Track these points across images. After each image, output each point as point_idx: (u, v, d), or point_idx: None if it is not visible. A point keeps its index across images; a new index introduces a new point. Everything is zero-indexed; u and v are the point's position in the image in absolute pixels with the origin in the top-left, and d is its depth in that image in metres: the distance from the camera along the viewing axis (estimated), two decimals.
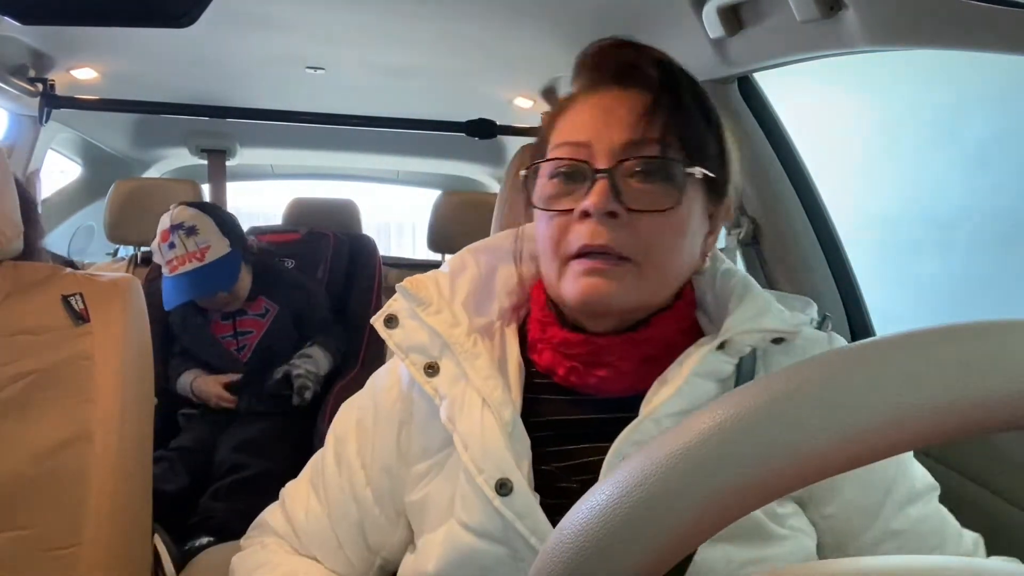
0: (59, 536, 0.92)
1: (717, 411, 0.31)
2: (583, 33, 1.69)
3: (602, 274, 0.64)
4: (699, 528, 0.30)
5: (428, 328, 0.72)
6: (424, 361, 0.71)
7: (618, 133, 0.65)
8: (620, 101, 0.67)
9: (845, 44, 0.98)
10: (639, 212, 0.64)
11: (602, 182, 0.64)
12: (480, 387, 0.68)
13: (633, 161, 0.65)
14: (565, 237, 0.66)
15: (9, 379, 0.95)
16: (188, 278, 1.73)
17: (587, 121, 0.67)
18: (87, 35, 1.79)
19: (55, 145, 2.49)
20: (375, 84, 2.21)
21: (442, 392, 0.69)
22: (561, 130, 0.70)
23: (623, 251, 0.64)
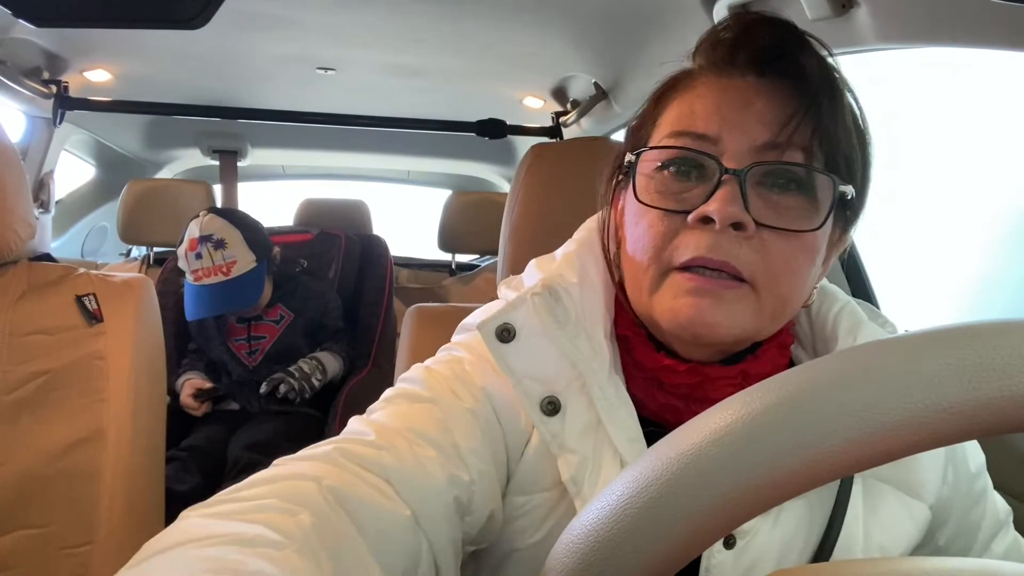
0: (73, 534, 0.93)
1: (728, 410, 0.31)
2: (593, 33, 1.69)
3: (713, 296, 0.53)
4: (710, 529, 0.30)
5: (560, 355, 0.57)
6: (544, 395, 0.57)
7: (757, 131, 0.53)
8: (761, 93, 0.54)
9: (857, 42, 0.97)
10: (772, 229, 0.53)
11: (731, 185, 0.52)
12: (626, 454, 0.55)
13: (772, 167, 0.53)
14: (670, 243, 0.54)
15: (24, 378, 0.96)
16: (212, 292, 1.75)
17: (716, 110, 0.55)
18: (100, 37, 1.80)
19: (69, 146, 2.51)
20: (385, 84, 2.21)
21: (566, 443, 0.56)
22: (679, 115, 0.57)
23: (743, 272, 0.52)
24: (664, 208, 0.55)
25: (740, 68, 0.56)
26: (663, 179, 0.56)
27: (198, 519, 0.41)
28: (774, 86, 0.55)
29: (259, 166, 3.22)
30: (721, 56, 0.57)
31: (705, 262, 0.52)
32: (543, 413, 0.56)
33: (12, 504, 0.92)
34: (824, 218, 0.54)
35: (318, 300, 1.96)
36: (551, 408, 0.56)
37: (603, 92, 1.94)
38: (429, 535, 0.50)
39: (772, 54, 0.55)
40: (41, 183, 2.23)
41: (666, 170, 0.56)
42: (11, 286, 1.00)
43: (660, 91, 0.61)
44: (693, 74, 0.59)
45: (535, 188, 1.01)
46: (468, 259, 2.99)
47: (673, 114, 0.58)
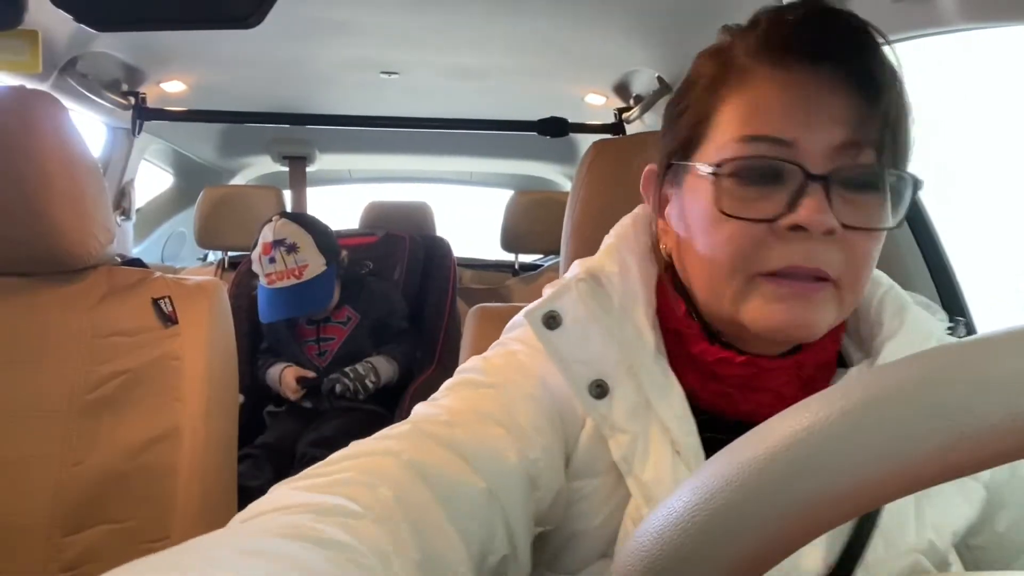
0: (151, 529, 0.97)
1: (806, 413, 0.29)
2: (656, 25, 1.66)
3: (804, 299, 0.53)
4: (783, 540, 0.28)
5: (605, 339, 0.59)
6: (591, 378, 0.58)
7: (833, 131, 0.53)
8: (829, 88, 0.53)
9: (941, 23, 0.92)
10: (854, 230, 0.53)
11: (816, 191, 0.52)
12: (675, 430, 0.56)
13: (853, 170, 0.53)
14: (758, 251, 0.54)
15: (104, 378, 1.00)
16: (285, 295, 1.80)
17: (786, 110, 0.53)
18: (174, 48, 1.87)
19: (148, 156, 2.62)
20: (447, 86, 2.23)
21: (616, 423, 0.57)
22: (745, 115, 0.55)
23: (831, 273, 0.53)
24: (748, 218, 0.54)
25: (801, 61, 0.54)
26: (739, 186, 0.54)
27: (284, 491, 0.43)
28: (839, 80, 0.53)
29: (326, 171, 3.29)
30: (779, 47, 0.55)
31: (797, 270, 0.53)
32: (591, 396, 0.58)
33: (94, 499, 0.96)
34: (903, 213, 0.54)
35: (383, 301, 1.99)
36: (599, 391, 0.58)
37: (667, 86, 1.90)
38: (505, 508, 0.51)
39: (835, 45, 0.53)
40: (122, 191, 2.33)
41: (740, 178, 0.54)
42: (92, 289, 1.05)
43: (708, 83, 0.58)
44: (745, 65, 0.56)
45: (597, 185, 1.00)
46: (531, 259, 2.98)
47: (735, 113, 0.56)
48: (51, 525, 0.94)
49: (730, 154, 0.55)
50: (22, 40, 1.28)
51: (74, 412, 0.98)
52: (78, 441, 0.97)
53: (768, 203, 0.53)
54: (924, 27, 0.97)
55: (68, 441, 0.97)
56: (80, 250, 1.01)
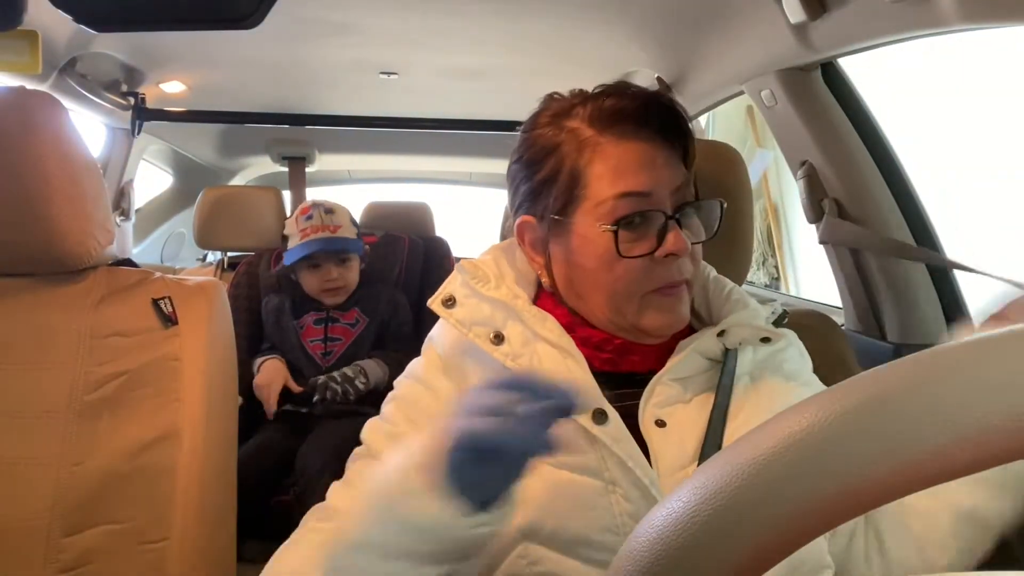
0: (151, 530, 0.96)
1: (805, 414, 0.29)
2: (655, 27, 1.66)
3: (680, 301, 0.76)
4: (782, 541, 0.28)
5: (491, 301, 0.78)
6: (490, 332, 0.76)
7: (670, 180, 0.74)
8: (661, 148, 0.75)
9: (939, 23, 0.92)
10: (695, 244, 0.76)
11: (675, 226, 0.73)
12: (556, 342, 0.75)
13: (688, 204, 0.76)
14: (645, 276, 0.74)
15: (104, 378, 1.00)
16: (318, 241, 1.89)
17: (640, 171, 0.74)
18: (174, 49, 1.87)
19: (148, 156, 2.62)
20: (446, 87, 2.23)
21: (516, 352, 0.75)
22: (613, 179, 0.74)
23: (689, 278, 0.76)
24: (637, 256, 0.73)
25: (636, 132, 0.74)
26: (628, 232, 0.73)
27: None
28: (661, 141, 0.75)
29: (326, 171, 3.30)
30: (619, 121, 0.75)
31: (672, 283, 0.74)
32: (493, 344, 0.75)
33: (94, 500, 0.96)
34: (718, 225, 0.78)
35: (390, 306, 2.01)
36: (497, 340, 0.76)
37: (667, 86, 1.90)
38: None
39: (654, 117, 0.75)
40: (122, 192, 2.33)
41: (624, 227, 0.73)
42: (92, 290, 1.05)
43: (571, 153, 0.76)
44: (594, 139, 0.75)
45: None
46: None
47: (603, 176, 0.74)
48: (51, 525, 0.94)
49: (609, 209, 0.73)
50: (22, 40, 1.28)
51: (74, 413, 0.98)
52: (78, 442, 0.97)
53: (645, 242, 0.73)
54: (924, 27, 0.97)
55: (68, 442, 0.97)
56: (80, 250, 1.01)
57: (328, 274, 1.93)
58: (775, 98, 1.40)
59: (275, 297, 2.01)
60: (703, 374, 0.78)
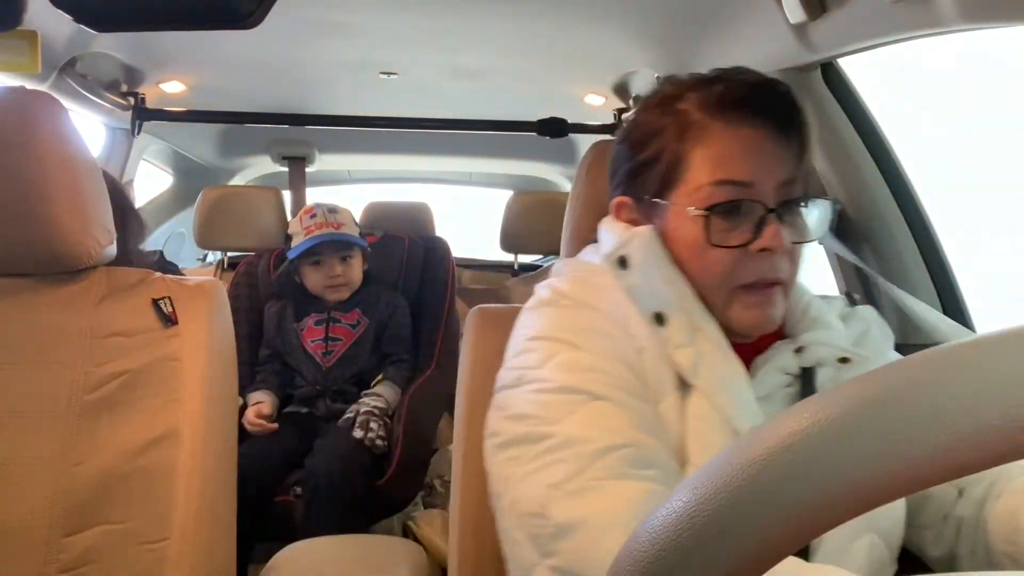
0: (151, 530, 0.96)
1: (805, 414, 0.29)
2: (656, 26, 1.66)
3: (767, 304, 0.72)
4: (782, 541, 0.28)
5: (662, 280, 0.73)
6: (654, 309, 0.72)
7: (777, 172, 0.71)
8: (771, 140, 0.72)
9: (940, 23, 0.92)
10: (796, 244, 0.73)
11: (775, 222, 0.70)
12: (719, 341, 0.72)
13: (793, 200, 0.72)
14: (736, 269, 0.71)
15: (104, 379, 1.00)
16: (321, 235, 1.92)
17: (745, 159, 0.71)
18: (173, 49, 1.87)
19: (148, 156, 2.62)
20: (446, 87, 2.23)
21: (679, 340, 0.71)
22: (713, 166, 0.72)
23: (784, 278, 0.73)
24: (728, 245, 0.71)
25: (749, 119, 0.71)
26: (721, 221, 0.71)
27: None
28: (774, 132, 0.72)
29: (326, 171, 3.29)
30: (731, 108, 0.72)
31: (764, 281, 0.71)
32: (655, 323, 0.71)
33: (94, 500, 0.96)
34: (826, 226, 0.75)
35: (390, 306, 2.02)
36: (659, 320, 0.71)
37: None
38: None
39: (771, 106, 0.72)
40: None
41: (717, 214, 0.71)
42: (92, 290, 1.05)
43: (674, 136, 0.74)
44: (702, 122, 0.73)
45: (597, 186, 1.00)
46: (530, 259, 2.98)
47: (703, 162, 0.72)
48: (50, 526, 0.94)
49: (706, 195, 0.71)
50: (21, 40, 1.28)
51: (73, 413, 0.98)
52: (77, 442, 0.97)
53: (739, 232, 0.71)
54: (924, 28, 0.97)
55: (67, 442, 0.97)
56: (79, 250, 1.01)
57: (331, 270, 1.94)
58: None
59: (276, 303, 2.02)
60: (783, 389, 0.75)
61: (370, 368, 1.96)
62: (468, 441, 0.97)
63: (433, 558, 1.56)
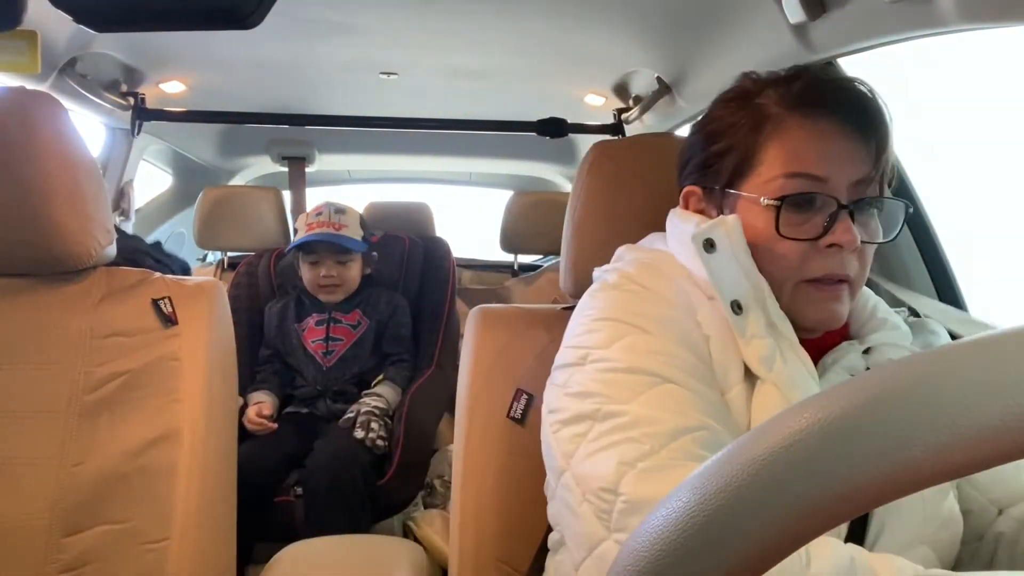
0: (151, 530, 0.96)
1: (805, 413, 0.29)
2: (656, 26, 1.66)
3: (838, 300, 0.72)
4: (782, 540, 0.28)
5: (740, 270, 0.72)
6: (733, 297, 0.71)
7: (853, 169, 0.71)
8: (848, 137, 0.71)
9: (939, 23, 0.92)
10: (867, 243, 0.72)
11: (844, 216, 0.70)
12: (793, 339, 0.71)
13: (866, 199, 0.72)
14: (804, 263, 0.71)
15: (104, 379, 1.00)
16: (320, 235, 1.92)
17: (820, 154, 0.71)
18: (174, 49, 1.87)
19: (148, 156, 2.62)
20: (447, 87, 2.23)
21: (757, 332, 0.70)
22: (786, 157, 0.72)
23: (851, 276, 0.72)
24: (798, 238, 0.71)
25: (828, 115, 0.71)
26: (792, 213, 0.71)
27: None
28: (853, 130, 0.71)
29: (326, 171, 3.29)
30: (811, 103, 0.72)
31: (832, 277, 0.71)
32: (732, 312, 0.71)
33: (94, 500, 0.96)
34: (899, 229, 0.75)
35: (390, 306, 2.03)
36: (737, 308, 0.71)
37: (666, 87, 1.90)
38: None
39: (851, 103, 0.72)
40: (121, 192, 2.33)
41: (788, 205, 0.71)
42: (92, 290, 1.05)
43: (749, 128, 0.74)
44: (779, 115, 0.73)
45: (597, 187, 1.00)
46: (531, 259, 2.98)
47: (778, 154, 0.72)
48: (51, 525, 0.94)
49: (778, 187, 0.71)
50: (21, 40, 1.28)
51: (74, 413, 0.98)
52: (78, 442, 0.97)
53: (810, 226, 0.70)
54: (924, 27, 0.97)
55: (68, 442, 0.97)
56: (80, 250, 1.01)
57: (326, 270, 1.94)
58: None
59: (278, 303, 2.02)
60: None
61: (370, 368, 1.97)
62: (468, 441, 0.97)
63: (433, 558, 1.55)
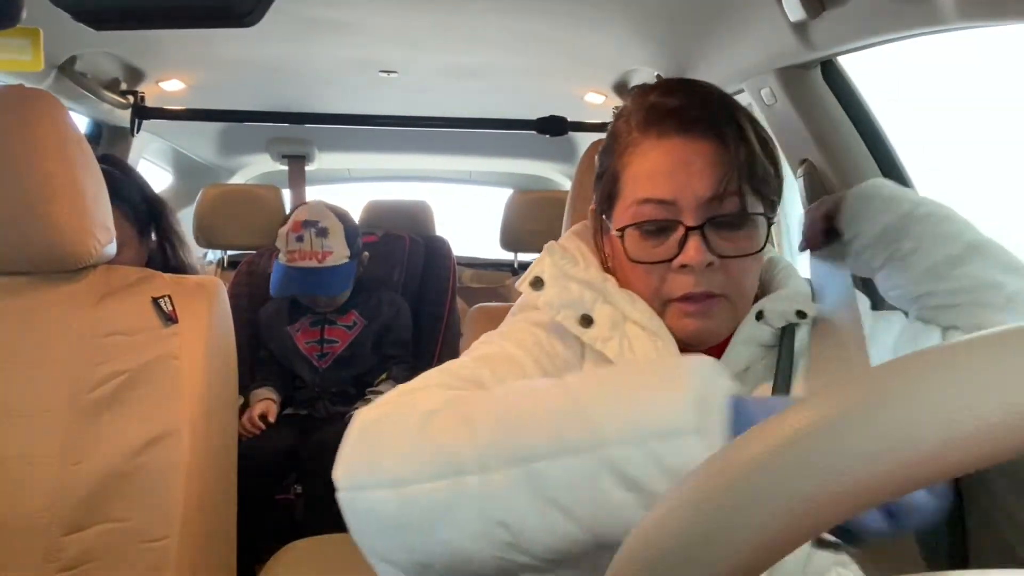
0: (152, 528, 0.97)
1: (805, 412, 0.29)
2: (656, 24, 1.66)
3: (704, 315, 0.72)
4: (782, 539, 0.28)
5: (580, 282, 0.75)
6: (578, 315, 0.74)
7: (701, 188, 0.70)
8: (696, 152, 0.71)
9: (939, 21, 0.92)
10: (731, 259, 0.72)
11: (694, 236, 0.70)
12: (647, 324, 0.73)
13: (720, 217, 0.71)
14: (663, 285, 0.73)
15: (104, 378, 1.00)
16: (302, 274, 1.82)
17: (666, 175, 0.71)
18: (173, 48, 1.87)
19: (147, 155, 2.61)
20: (446, 85, 2.22)
21: (605, 335, 0.73)
22: (638, 182, 0.73)
23: (718, 291, 0.72)
24: (650, 262, 0.73)
25: (677, 131, 0.71)
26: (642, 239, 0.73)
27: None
28: (704, 145, 0.70)
29: (326, 170, 3.29)
30: (658, 120, 0.72)
31: (692, 295, 0.72)
32: (582, 327, 0.73)
33: (94, 498, 0.96)
34: (764, 241, 0.74)
35: (391, 308, 2.00)
36: (586, 322, 0.74)
37: None
38: None
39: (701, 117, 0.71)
40: None
41: (642, 231, 0.73)
42: (92, 289, 1.05)
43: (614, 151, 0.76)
44: (636, 138, 0.74)
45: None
46: (530, 258, 2.98)
47: (634, 179, 0.74)
48: (51, 524, 0.94)
49: (631, 214, 0.73)
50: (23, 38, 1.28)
51: (74, 411, 0.98)
52: (78, 440, 0.97)
53: (664, 248, 0.72)
54: (923, 25, 0.97)
55: (68, 440, 0.97)
56: (80, 249, 1.01)
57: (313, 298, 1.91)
58: (775, 96, 1.39)
59: (272, 305, 2.00)
60: (760, 362, 0.75)
61: (370, 369, 1.95)
62: None
63: None
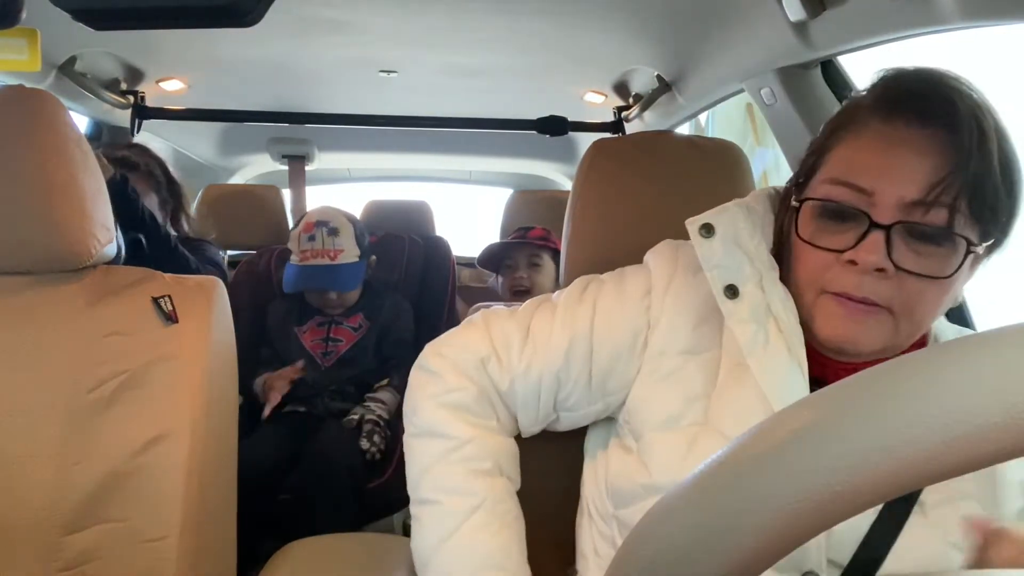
0: (152, 528, 0.96)
1: (807, 411, 0.29)
2: (655, 24, 1.66)
3: (857, 321, 0.65)
4: (784, 539, 0.28)
5: (745, 254, 0.72)
6: (726, 281, 0.71)
7: (907, 189, 0.62)
8: (916, 149, 0.62)
9: (939, 21, 0.92)
10: (910, 274, 0.63)
11: (877, 237, 0.62)
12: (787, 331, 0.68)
13: (917, 225, 0.62)
14: (825, 273, 0.66)
15: (104, 378, 1.00)
16: (314, 271, 1.87)
17: (874, 164, 0.64)
18: (173, 48, 1.87)
19: None
20: (447, 85, 2.22)
21: (744, 317, 0.70)
22: (842, 162, 0.67)
23: (883, 303, 0.64)
24: (821, 247, 0.66)
25: (905, 121, 0.63)
26: (821, 220, 0.67)
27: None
28: (931, 140, 0.62)
29: (326, 170, 3.29)
30: (888, 105, 0.65)
31: (850, 296, 0.64)
32: (725, 296, 0.70)
33: (94, 499, 0.96)
34: (956, 269, 0.63)
35: (393, 310, 2.02)
36: (731, 293, 0.70)
37: (666, 84, 1.90)
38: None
39: (934, 112, 0.62)
40: None
41: (824, 213, 0.66)
42: (92, 288, 1.05)
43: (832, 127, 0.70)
44: (862, 118, 0.66)
45: (597, 184, 1.00)
46: None
47: (840, 157, 0.67)
48: (50, 524, 0.94)
49: (822, 192, 0.67)
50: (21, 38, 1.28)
51: (74, 411, 0.98)
52: (78, 440, 0.97)
53: (841, 237, 0.65)
54: (923, 26, 0.97)
55: (68, 440, 0.97)
56: (80, 249, 1.01)
57: (323, 298, 1.94)
58: (775, 96, 1.39)
59: (282, 304, 2.01)
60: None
61: (370, 370, 1.96)
62: None
63: None
